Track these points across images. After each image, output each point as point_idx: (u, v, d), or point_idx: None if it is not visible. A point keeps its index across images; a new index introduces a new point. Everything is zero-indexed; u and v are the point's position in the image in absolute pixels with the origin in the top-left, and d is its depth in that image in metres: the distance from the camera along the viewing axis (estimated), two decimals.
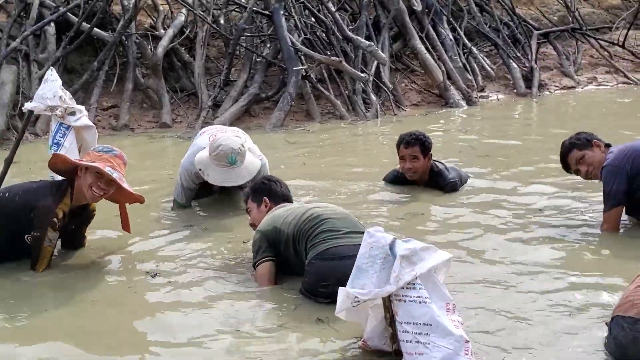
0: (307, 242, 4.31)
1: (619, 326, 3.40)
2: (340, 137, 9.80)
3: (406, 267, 3.31)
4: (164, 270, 4.70)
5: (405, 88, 12.35)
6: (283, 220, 4.48)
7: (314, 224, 4.34)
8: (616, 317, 3.43)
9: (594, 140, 5.38)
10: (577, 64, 14.14)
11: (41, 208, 4.57)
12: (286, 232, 4.41)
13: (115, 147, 4.87)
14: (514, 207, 5.93)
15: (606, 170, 5.20)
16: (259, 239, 4.51)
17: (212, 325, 3.93)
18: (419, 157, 6.34)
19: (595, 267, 4.66)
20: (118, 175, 4.59)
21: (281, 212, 4.61)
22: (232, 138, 5.75)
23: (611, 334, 3.45)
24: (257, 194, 4.93)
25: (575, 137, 5.46)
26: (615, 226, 5.26)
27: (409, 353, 3.31)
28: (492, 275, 4.53)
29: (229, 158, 5.62)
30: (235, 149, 5.63)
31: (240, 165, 5.69)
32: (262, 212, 4.80)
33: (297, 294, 4.29)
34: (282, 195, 4.91)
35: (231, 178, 5.72)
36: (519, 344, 3.63)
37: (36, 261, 4.62)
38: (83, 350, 3.68)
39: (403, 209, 5.96)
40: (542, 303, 4.05)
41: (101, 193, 4.64)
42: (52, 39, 10.88)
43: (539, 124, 10.95)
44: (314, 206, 4.57)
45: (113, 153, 4.72)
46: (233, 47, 11.28)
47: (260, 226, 4.60)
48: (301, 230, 4.36)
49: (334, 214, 4.43)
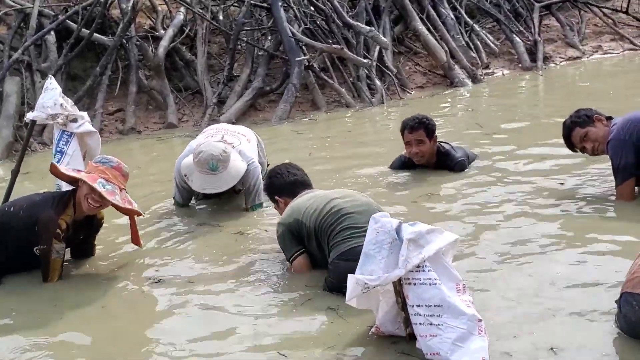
0: (329, 238, 4.27)
1: (628, 304, 3.34)
2: (347, 124, 9.78)
3: (414, 251, 3.30)
4: (171, 274, 4.68)
5: (409, 71, 12.29)
6: (304, 212, 4.41)
7: (336, 219, 4.27)
8: (625, 294, 3.37)
9: (595, 116, 5.34)
10: (581, 33, 14.02)
11: (43, 220, 4.56)
12: (308, 226, 4.36)
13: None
14: (528, 182, 5.88)
15: (612, 144, 5.16)
16: (282, 233, 4.48)
17: (223, 321, 3.93)
18: (425, 140, 6.31)
19: (613, 238, 4.60)
20: (110, 188, 4.53)
21: (302, 202, 4.54)
22: (214, 144, 5.65)
23: (621, 312, 3.40)
24: (269, 195, 4.98)
25: (575, 115, 5.42)
26: (631, 199, 5.21)
27: (423, 335, 3.29)
28: (506, 252, 4.51)
29: (209, 164, 5.57)
30: (216, 155, 5.57)
31: (222, 171, 5.62)
32: (283, 209, 4.79)
33: (305, 285, 4.28)
34: (291, 184, 4.84)
35: (213, 184, 5.68)
36: (533, 322, 3.60)
37: (47, 273, 4.61)
38: (97, 353, 3.71)
39: (415, 192, 5.92)
40: (561, 284, 3.99)
41: (96, 205, 4.61)
42: (53, 48, 10.92)
43: (546, 97, 10.89)
44: (335, 196, 4.45)
45: (110, 164, 4.67)
46: (234, 42, 11.27)
47: (282, 218, 4.57)
48: (323, 225, 4.30)
49: (355, 207, 4.32)
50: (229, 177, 5.68)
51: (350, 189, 4.84)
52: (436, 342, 3.25)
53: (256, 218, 5.75)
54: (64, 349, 3.80)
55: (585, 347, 3.31)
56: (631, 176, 5.16)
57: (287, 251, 4.50)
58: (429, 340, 3.27)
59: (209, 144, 5.68)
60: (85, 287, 4.62)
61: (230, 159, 5.67)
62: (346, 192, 4.59)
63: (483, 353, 3.24)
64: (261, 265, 4.69)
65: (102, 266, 4.99)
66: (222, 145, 5.69)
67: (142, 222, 5.64)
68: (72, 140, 5.34)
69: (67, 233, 4.63)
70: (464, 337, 3.24)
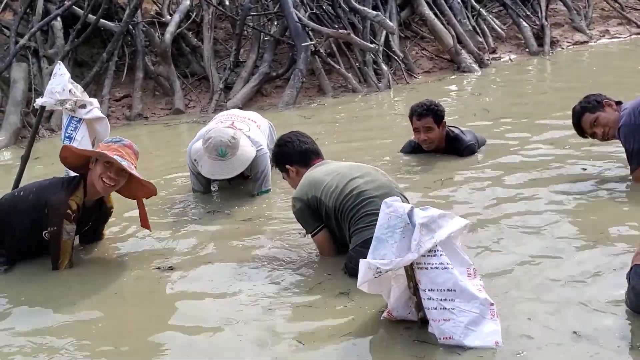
0: (350, 222, 4.23)
1: (637, 275, 3.37)
2: (354, 110, 9.76)
3: (426, 235, 3.30)
4: (181, 260, 4.69)
5: (416, 56, 12.24)
6: (323, 190, 4.32)
7: (357, 203, 4.21)
8: (634, 267, 3.40)
9: (604, 100, 5.33)
10: (588, 18, 13.93)
11: (53, 201, 4.57)
12: (327, 205, 4.29)
13: (129, 137, 4.86)
14: (538, 167, 5.88)
15: (624, 130, 5.15)
16: (300, 208, 4.40)
17: (235, 307, 3.94)
18: (433, 127, 6.30)
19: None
20: (127, 163, 4.56)
21: (319, 176, 4.44)
22: (223, 130, 5.67)
23: (630, 284, 3.42)
24: (279, 165, 4.87)
25: (585, 100, 5.41)
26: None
27: (435, 320, 3.30)
28: (521, 238, 4.53)
29: (219, 150, 5.58)
30: (225, 141, 5.58)
31: (231, 157, 5.63)
32: (294, 179, 4.70)
33: (316, 270, 4.30)
34: (303, 152, 4.73)
35: (222, 170, 5.70)
36: (544, 303, 3.62)
37: (57, 258, 4.61)
38: (111, 340, 3.73)
39: (428, 178, 5.91)
40: (572, 269, 3.99)
41: (112, 183, 4.61)
42: (59, 34, 10.91)
43: (553, 82, 10.85)
44: (355, 175, 4.34)
45: (122, 143, 4.69)
46: (240, 28, 11.24)
47: (298, 193, 4.46)
48: (344, 207, 4.24)
49: (376, 189, 4.25)
50: (237, 163, 5.69)
51: (365, 164, 4.70)
52: (449, 326, 3.26)
53: (266, 205, 5.75)
54: (80, 334, 3.81)
55: (607, 332, 3.31)
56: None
57: (308, 226, 4.45)
58: (442, 325, 3.28)
59: (218, 129, 5.69)
60: (97, 273, 4.64)
61: (239, 145, 5.67)
62: (364, 169, 4.48)
63: (496, 336, 3.26)
64: (272, 252, 4.68)
65: (113, 253, 5.01)
66: (231, 131, 5.69)
67: (151, 209, 5.64)
68: (81, 126, 5.34)
69: (77, 214, 4.63)
70: (476, 321, 3.26)
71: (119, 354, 3.59)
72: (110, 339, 3.72)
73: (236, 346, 3.53)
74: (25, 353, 3.64)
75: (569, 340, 3.27)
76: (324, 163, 4.68)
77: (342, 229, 4.32)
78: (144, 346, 3.65)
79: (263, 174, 5.89)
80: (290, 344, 3.50)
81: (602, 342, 3.22)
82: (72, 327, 3.90)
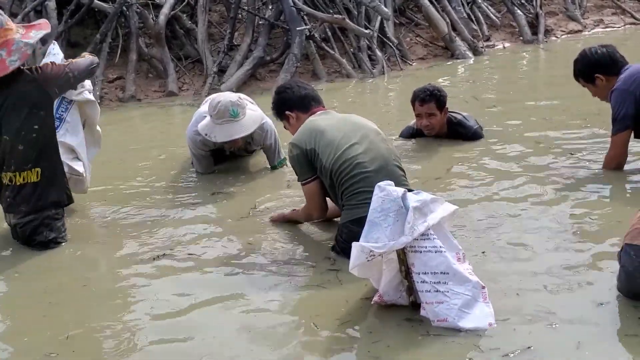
0: (343, 193, 4.20)
1: (626, 254, 3.41)
2: (350, 95, 9.75)
3: (419, 219, 3.33)
4: (182, 244, 4.64)
5: (410, 42, 12.23)
6: (322, 144, 4.26)
7: (353, 175, 4.14)
8: (625, 246, 3.44)
9: (595, 75, 5.33)
10: (583, 7, 13.94)
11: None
12: (323, 163, 4.24)
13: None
14: (535, 154, 5.92)
15: (615, 94, 5.17)
16: (296, 154, 4.34)
17: (226, 289, 3.96)
18: (436, 113, 6.27)
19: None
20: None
21: (321, 126, 4.36)
22: (228, 94, 5.85)
23: (620, 263, 3.46)
24: (279, 112, 4.78)
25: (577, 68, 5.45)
26: (623, 152, 5.26)
27: (429, 302, 3.33)
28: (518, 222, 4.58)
29: (230, 111, 5.65)
30: (234, 101, 5.70)
31: (242, 117, 5.72)
32: (294, 125, 4.62)
33: (305, 255, 4.34)
34: (303, 98, 4.66)
35: (238, 130, 5.71)
36: (533, 287, 3.67)
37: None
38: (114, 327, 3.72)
39: (433, 167, 5.89)
40: (560, 257, 4.02)
41: None
42: (53, 14, 10.82)
43: (547, 70, 10.85)
44: (354, 141, 4.25)
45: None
46: (235, 11, 11.20)
47: (297, 139, 4.39)
48: (339, 173, 4.18)
49: (372, 161, 4.18)
50: (250, 122, 5.78)
51: (368, 123, 4.55)
52: (443, 308, 3.30)
53: (271, 186, 5.75)
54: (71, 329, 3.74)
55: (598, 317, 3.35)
56: (627, 127, 5.18)
57: (301, 173, 4.42)
58: (435, 307, 3.31)
59: (221, 95, 5.88)
60: (97, 258, 4.64)
61: (246, 105, 5.80)
62: (364, 130, 4.38)
63: (490, 319, 3.30)
64: (271, 237, 4.68)
65: (108, 239, 4.91)
66: (235, 94, 5.87)
67: (151, 192, 5.67)
68: (72, 107, 5.26)
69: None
70: (469, 304, 3.30)
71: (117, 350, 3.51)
72: (102, 332, 3.65)
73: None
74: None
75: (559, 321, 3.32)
76: (326, 113, 4.61)
77: (334, 188, 4.29)
78: (144, 338, 3.55)
79: (275, 143, 6.02)
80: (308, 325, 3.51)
81: (593, 327, 3.27)
82: (74, 314, 3.87)
